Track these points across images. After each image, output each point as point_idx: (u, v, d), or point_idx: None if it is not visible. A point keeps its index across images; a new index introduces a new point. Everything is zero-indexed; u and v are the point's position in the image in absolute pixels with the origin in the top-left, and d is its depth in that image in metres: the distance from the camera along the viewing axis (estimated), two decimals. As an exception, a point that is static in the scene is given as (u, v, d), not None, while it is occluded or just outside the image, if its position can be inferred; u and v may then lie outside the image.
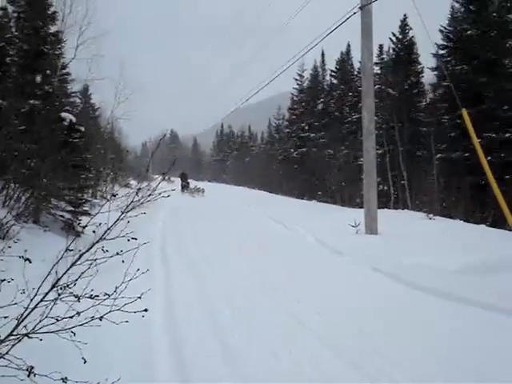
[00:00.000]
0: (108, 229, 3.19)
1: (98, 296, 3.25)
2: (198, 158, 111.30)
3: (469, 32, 24.54)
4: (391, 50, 34.40)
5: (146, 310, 3.31)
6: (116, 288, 3.21)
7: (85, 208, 14.50)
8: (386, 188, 31.17)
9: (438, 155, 26.18)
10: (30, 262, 3.11)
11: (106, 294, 3.28)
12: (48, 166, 12.12)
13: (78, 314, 3.17)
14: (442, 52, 28.76)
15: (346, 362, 4.66)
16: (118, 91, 28.08)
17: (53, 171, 12.52)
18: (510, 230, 14.04)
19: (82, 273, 3.15)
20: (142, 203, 3.35)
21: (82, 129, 14.92)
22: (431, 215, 16.11)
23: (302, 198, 37.69)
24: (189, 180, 41.07)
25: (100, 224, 3.33)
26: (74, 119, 14.21)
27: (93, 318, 3.14)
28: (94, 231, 3.29)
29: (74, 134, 14.21)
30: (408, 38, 33.86)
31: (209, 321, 5.96)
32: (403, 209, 24.24)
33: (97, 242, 3.16)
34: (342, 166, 34.64)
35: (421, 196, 28.06)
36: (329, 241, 11.90)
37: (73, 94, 22.07)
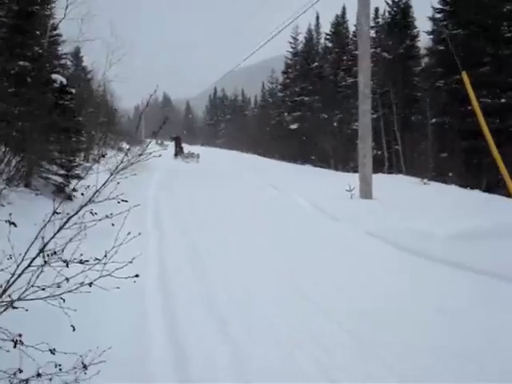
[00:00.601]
0: (97, 190, 3.05)
1: (87, 261, 3.13)
2: (191, 122, 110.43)
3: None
4: (387, 14, 33.89)
5: (137, 276, 3.18)
6: (106, 253, 3.08)
7: (77, 171, 14.30)
8: (379, 153, 30.99)
9: (433, 120, 25.99)
10: (16, 226, 2.96)
11: (97, 259, 3.16)
12: (39, 129, 11.86)
13: (67, 279, 3.05)
14: (439, 16, 28.35)
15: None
16: (109, 52, 27.47)
17: (44, 134, 12.26)
18: (506, 196, 14.05)
19: (71, 238, 3.02)
20: (132, 164, 3.20)
21: (73, 91, 14.61)
22: (426, 180, 16.05)
23: (296, 162, 37.53)
24: (182, 144, 38.19)
25: (89, 186, 3.19)
26: (64, 81, 13.88)
27: (82, 283, 3.02)
28: (82, 194, 3.15)
29: (65, 96, 13.90)
30: (404, 0, 33.35)
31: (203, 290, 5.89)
32: (397, 174, 24.18)
33: (85, 204, 3.03)
34: (336, 130, 34.42)
35: (415, 161, 27.97)
36: (324, 206, 11.77)
37: (64, 56, 21.54)
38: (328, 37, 43.57)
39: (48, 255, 2.91)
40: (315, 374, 3.83)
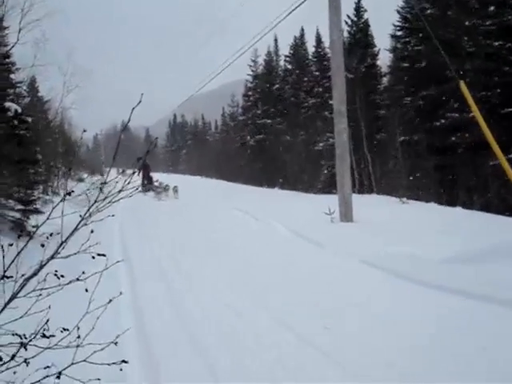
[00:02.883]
0: (62, 242, 2.21)
1: (53, 336, 2.28)
2: (150, 149, 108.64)
3: (428, 11, 23.98)
4: (346, 33, 33.84)
5: (125, 362, 2.32)
6: (77, 325, 2.23)
7: (36, 206, 13.30)
8: (347, 173, 30.52)
9: (401, 138, 25.69)
10: None
11: (65, 330, 2.33)
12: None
13: (26, 362, 2.19)
14: (399, 33, 28.36)
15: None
16: (66, 79, 26.56)
17: (-1, 166, 11.26)
18: (483, 211, 13.63)
19: (26, 312, 2.17)
20: (108, 203, 2.36)
21: (29, 119, 13.65)
22: (404, 199, 15.50)
23: (261, 186, 36.84)
24: (151, 174, 29.45)
25: (51, 235, 2.35)
26: (19, 109, 12.93)
27: (47, 376, 2.15)
28: (42, 245, 2.30)
29: (20, 126, 12.94)
30: (363, 20, 33.38)
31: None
32: (369, 193, 23.71)
33: (45, 263, 2.19)
34: (301, 151, 33.92)
35: (385, 179, 27.60)
36: (305, 232, 11.03)
37: (18, 85, 20.45)
38: (287, 59, 43.47)
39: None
40: None
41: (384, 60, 33.89)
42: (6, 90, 14.94)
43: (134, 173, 2.39)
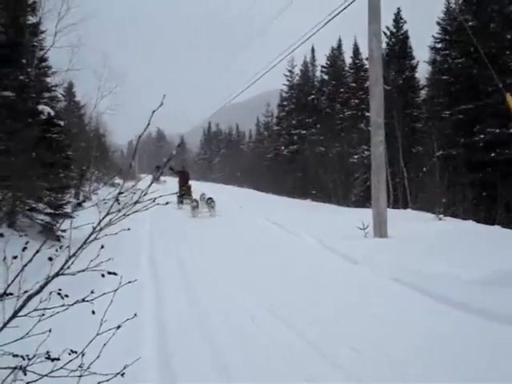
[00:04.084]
0: (68, 259, 1.98)
1: (57, 359, 2.06)
2: (185, 157, 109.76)
3: (470, 23, 23.45)
4: (385, 45, 33.43)
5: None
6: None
7: (66, 210, 13.24)
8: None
9: (439, 152, 25.13)
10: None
11: (73, 352, 2.11)
12: (23, 163, 10.79)
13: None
14: (439, 45, 27.88)
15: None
16: (101, 84, 26.79)
17: (30, 169, 11.19)
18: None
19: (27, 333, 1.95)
20: (125, 215, 2.12)
21: (62, 123, 13.67)
22: (441, 216, 15.01)
23: (294, 197, 36.48)
24: (190, 182, 24.37)
25: (61, 247, 2.13)
26: (52, 112, 12.94)
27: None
28: (50, 258, 2.08)
29: (52, 129, 12.94)
30: (402, 31, 32.97)
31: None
32: (404, 208, 23.20)
33: (51, 279, 1.97)
34: (335, 163, 33.48)
35: (421, 194, 27.01)
36: (338, 247, 10.68)
37: (54, 88, 20.61)
38: (324, 69, 43.28)
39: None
40: None
41: (422, 72, 33.46)
42: (42, 94, 15.01)
43: (152, 182, 2.14)
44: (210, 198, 19.20)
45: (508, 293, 6.61)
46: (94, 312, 2.13)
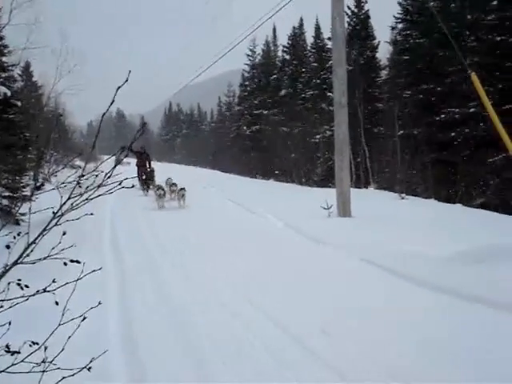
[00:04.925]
0: (28, 246, 1.85)
1: (17, 352, 1.94)
2: (146, 137, 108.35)
3: (431, 4, 23.56)
4: (346, 25, 33.38)
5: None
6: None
7: (24, 192, 12.85)
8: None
9: (400, 132, 25.36)
10: None
11: (34, 343, 1.98)
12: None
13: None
14: (400, 25, 27.98)
15: None
16: (59, 62, 26.00)
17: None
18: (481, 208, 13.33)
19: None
20: (88, 199, 1.99)
21: (19, 103, 13.20)
22: (403, 194, 15.17)
23: (256, 177, 36.47)
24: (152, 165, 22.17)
25: (19, 234, 1.99)
26: (8, 92, 12.48)
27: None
28: (7, 246, 1.94)
29: (9, 110, 12.50)
30: (363, 11, 32.94)
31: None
32: (366, 187, 23.41)
33: (9, 268, 1.83)
34: (297, 143, 33.52)
35: (383, 174, 27.30)
36: (303, 227, 10.66)
37: (10, 68, 19.88)
38: (285, 49, 43.04)
39: None
40: None
41: (383, 53, 33.59)
42: (-3, 74, 14.48)
43: (117, 164, 2.00)
44: (183, 189, 15.66)
45: (471, 271, 6.69)
46: (57, 303, 2.01)
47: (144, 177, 20.54)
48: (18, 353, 1.97)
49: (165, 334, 4.98)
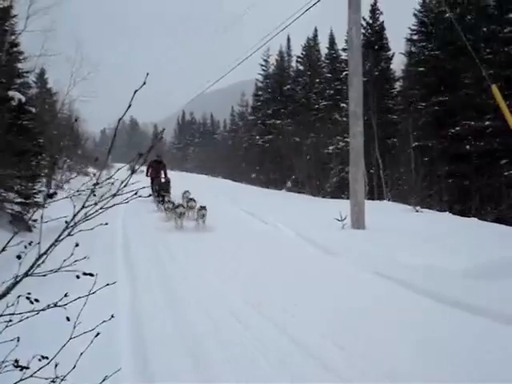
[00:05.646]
0: (38, 257, 1.76)
1: (27, 368, 1.86)
2: (160, 145, 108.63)
3: (447, 15, 23.48)
4: (361, 36, 33.35)
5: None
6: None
7: (37, 199, 12.84)
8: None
9: (415, 143, 25.20)
10: None
11: (43, 358, 1.90)
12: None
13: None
14: (416, 37, 27.93)
15: None
16: (73, 70, 26.10)
17: (-2, 156, 10.80)
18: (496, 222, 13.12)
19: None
20: (103, 208, 1.90)
21: (33, 110, 13.24)
22: (418, 207, 15.00)
23: (268, 187, 36.35)
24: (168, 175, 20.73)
25: (30, 244, 1.90)
26: (23, 99, 12.52)
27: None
28: (18, 256, 1.85)
29: (23, 116, 12.53)
30: (378, 22, 32.88)
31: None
32: (380, 199, 23.23)
33: (19, 280, 1.75)
34: (310, 153, 33.42)
35: (396, 186, 27.10)
36: (316, 238, 10.54)
37: (25, 74, 19.98)
38: (299, 59, 43.06)
39: None
40: None
41: (398, 64, 33.49)
42: (12, 79, 14.56)
43: (133, 172, 1.91)
44: (203, 208, 13.12)
45: (490, 286, 6.55)
46: (68, 319, 1.92)
47: (157, 187, 18.27)
48: (27, 368, 1.90)
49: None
